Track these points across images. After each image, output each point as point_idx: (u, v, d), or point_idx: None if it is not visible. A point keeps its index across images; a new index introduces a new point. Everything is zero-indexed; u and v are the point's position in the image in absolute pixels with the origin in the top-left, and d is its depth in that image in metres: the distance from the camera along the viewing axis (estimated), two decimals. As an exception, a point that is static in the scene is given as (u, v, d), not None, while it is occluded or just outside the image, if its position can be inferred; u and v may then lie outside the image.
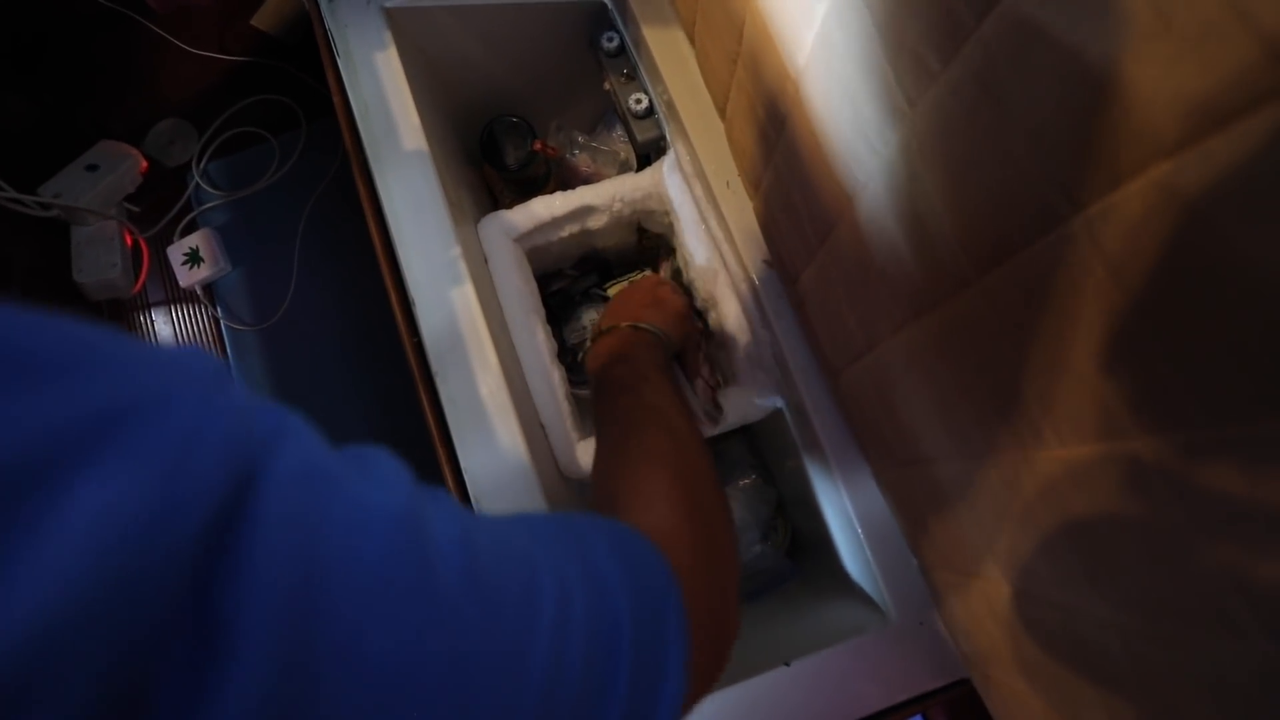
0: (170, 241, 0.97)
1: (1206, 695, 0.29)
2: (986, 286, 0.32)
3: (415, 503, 0.16)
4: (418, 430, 0.56)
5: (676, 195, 0.69)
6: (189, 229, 0.99)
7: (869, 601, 0.58)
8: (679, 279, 0.81)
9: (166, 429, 0.11)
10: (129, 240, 0.96)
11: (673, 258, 0.82)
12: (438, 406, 0.57)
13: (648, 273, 0.82)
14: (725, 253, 0.65)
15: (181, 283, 0.96)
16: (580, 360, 0.66)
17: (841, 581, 0.63)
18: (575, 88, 0.84)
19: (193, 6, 1.01)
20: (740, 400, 0.63)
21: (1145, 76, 0.21)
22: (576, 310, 0.80)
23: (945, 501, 0.46)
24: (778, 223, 0.57)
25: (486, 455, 0.55)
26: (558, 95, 0.85)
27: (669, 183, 0.70)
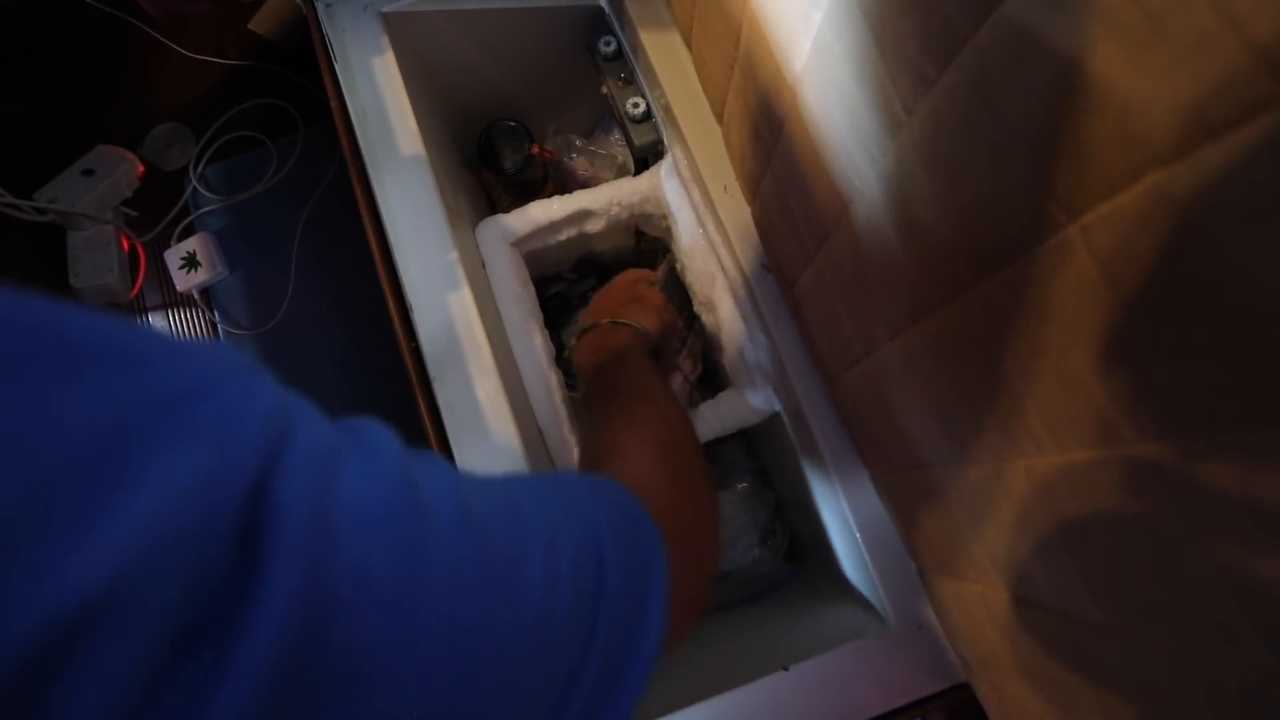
0: (167, 246, 0.97)
1: (1203, 700, 0.29)
2: (983, 293, 0.33)
3: (404, 459, 0.19)
4: (415, 435, 0.56)
5: (674, 199, 0.69)
6: (186, 233, 0.99)
7: (867, 606, 0.58)
8: (676, 280, 0.81)
9: (215, 412, 0.14)
10: (126, 245, 0.96)
11: (668, 259, 0.82)
12: (435, 411, 0.57)
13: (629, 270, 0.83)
14: (723, 257, 0.65)
15: (179, 287, 0.96)
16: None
17: (840, 585, 0.63)
18: (572, 92, 0.84)
19: (190, 11, 1.01)
20: (738, 404, 0.63)
21: (1139, 85, 0.22)
22: (574, 314, 0.80)
23: (943, 506, 0.46)
24: (775, 227, 0.57)
25: (484, 459, 0.55)
26: (555, 99, 0.86)
27: (666, 187, 0.70)
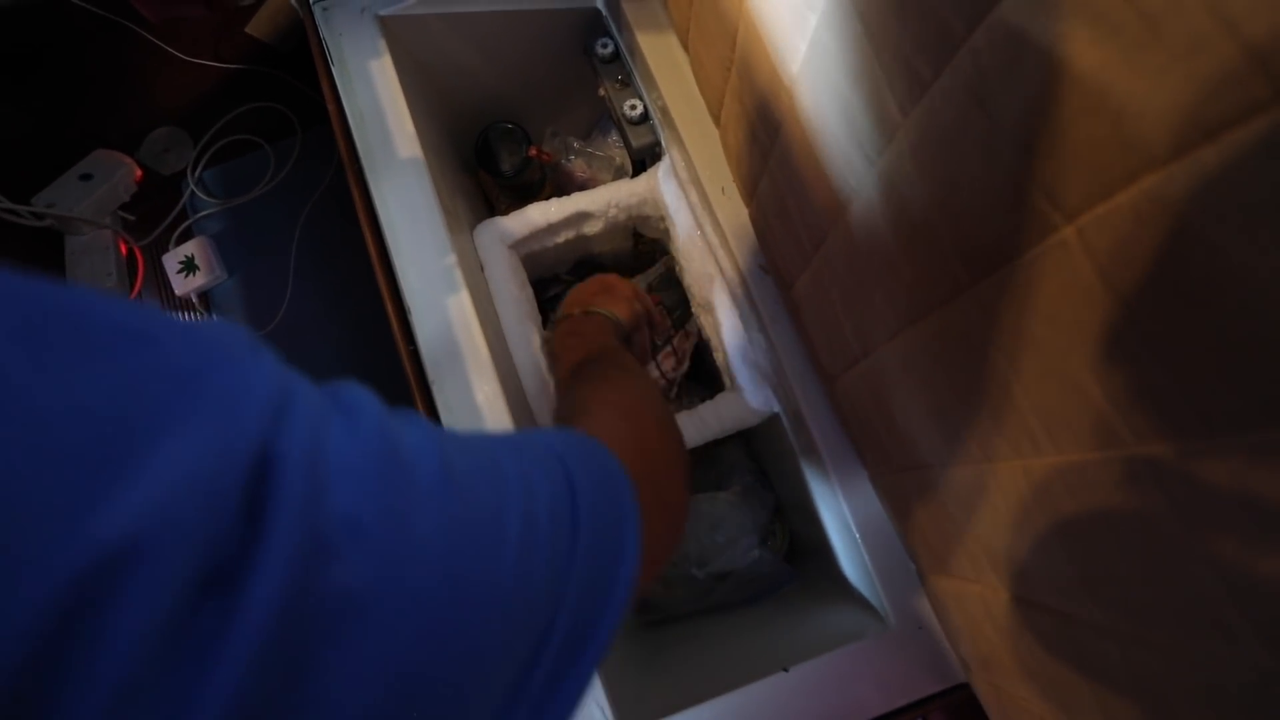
0: (165, 250, 0.97)
1: (1203, 700, 0.29)
2: (980, 294, 0.33)
3: (385, 418, 0.20)
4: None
5: (672, 201, 0.69)
6: (184, 237, 0.99)
7: (867, 606, 0.58)
8: (670, 280, 0.81)
9: (224, 384, 0.16)
10: (124, 249, 0.96)
11: (664, 260, 0.82)
12: (434, 414, 0.57)
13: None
14: (721, 258, 0.65)
15: (177, 291, 0.96)
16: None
17: (840, 586, 0.63)
18: (570, 94, 0.84)
19: (186, 15, 1.01)
20: (737, 405, 0.63)
21: (1135, 87, 0.22)
22: (573, 316, 0.80)
23: (942, 507, 0.46)
24: (772, 229, 0.57)
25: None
26: (552, 101, 0.86)
27: (664, 188, 0.70)
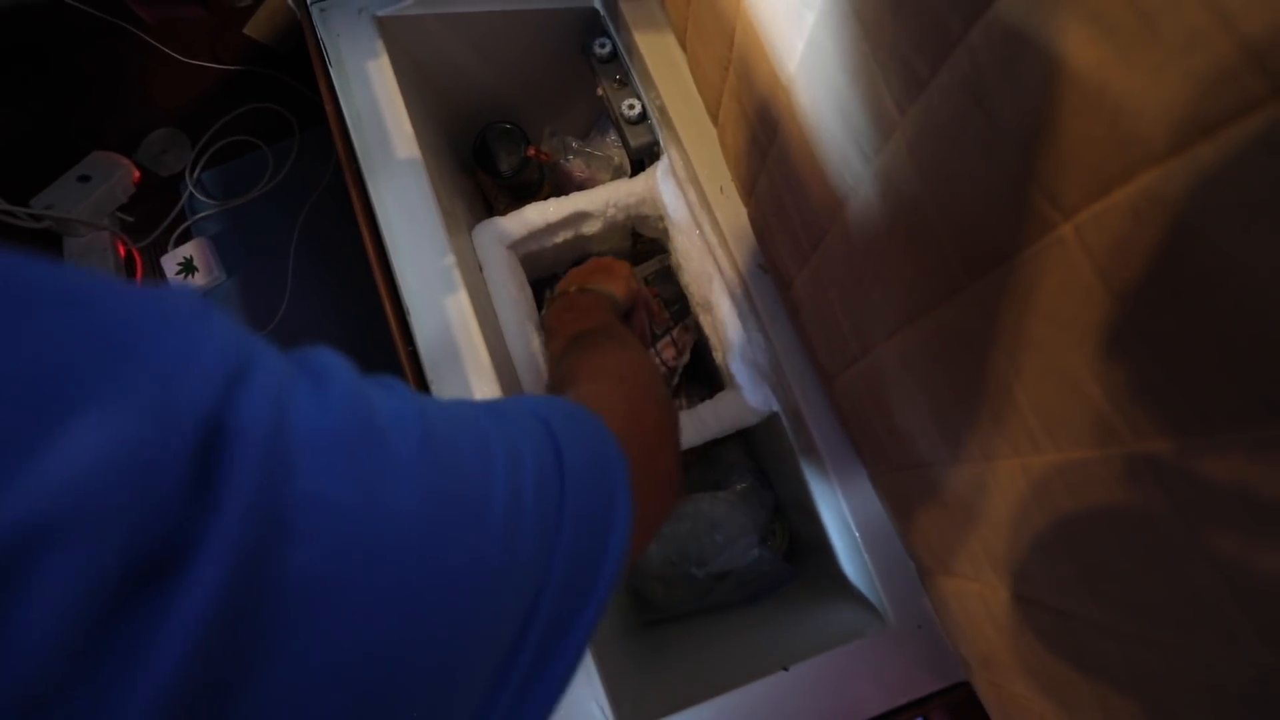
0: (164, 251, 0.97)
1: (1203, 698, 0.29)
2: (978, 292, 0.33)
3: (359, 385, 0.19)
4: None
5: (670, 200, 0.69)
6: (183, 238, 0.99)
7: (867, 605, 0.58)
8: (666, 276, 0.81)
9: (165, 349, 0.14)
10: (122, 251, 0.96)
11: (657, 258, 0.82)
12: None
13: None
14: (719, 257, 0.65)
15: (176, 292, 0.96)
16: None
17: (839, 585, 0.63)
18: (568, 93, 0.84)
19: (183, 15, 1.01)
20: (736, 405, 0.63)
21: (1132, 84, 0.22)
22: (572, 316, 0.80)
23: (941, 505, 0.46)
24: (771, 227, 0.57)
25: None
26: (550, 101, 0.85)
27: (663, 188, 0.70)
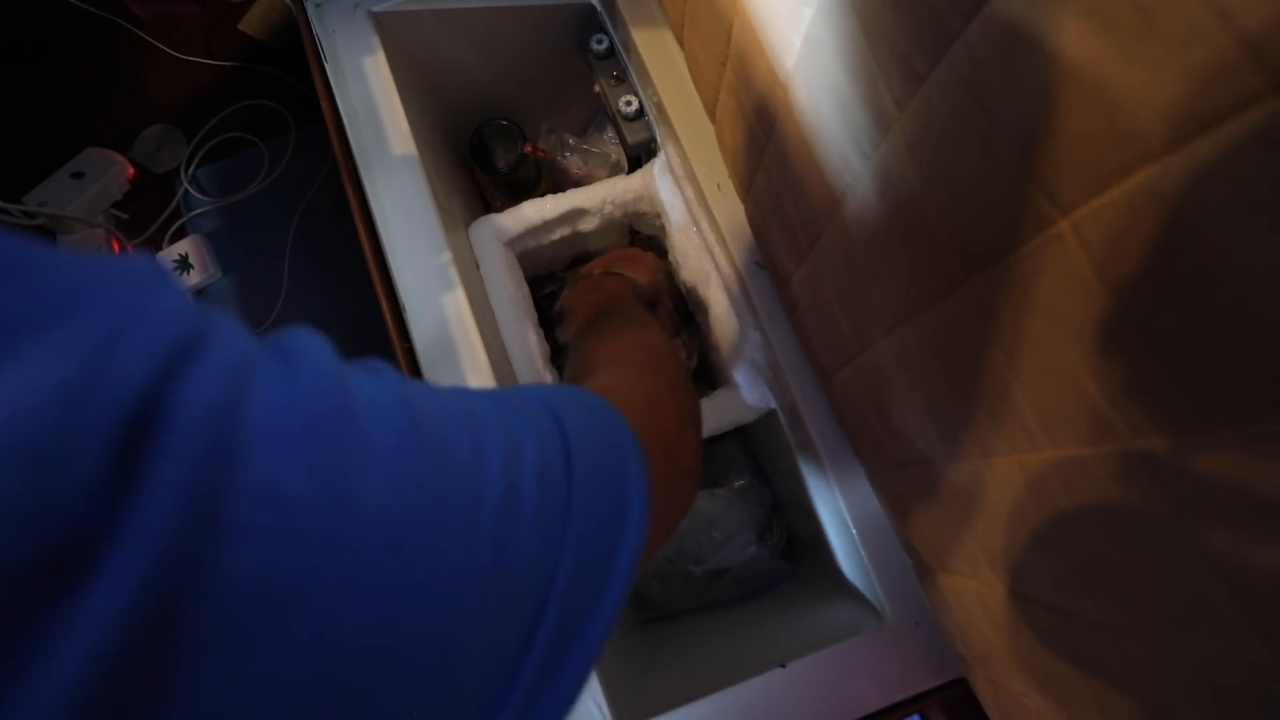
0: (159, 248, 0.96)
1: (1201, 696, 0.29)
2: (976, 289, 0.32)
3: (335, 368, 0.16)
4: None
5: (667, 197, 0.69)
6: (178, 236, 0.98)
7: (865, 602, 0.58)
8: (665, 278, 0.80)
9: (94, 321, 0.12)
10: (117, 248, 0.95)
11: (665, 258, 0.82)
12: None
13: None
14: (717, 255, 0.65)
15: (171, 290, 0.95)
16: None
17: (837, 582, 0.63)
18: (565, 90, 0.83)
19: (178, 12, 1.01)
20: (733, 402, 0.63)
21: (1130, 79, 0.21)
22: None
23: (939, 503, 0.46)
24: (768, 225, 0.57)
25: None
26: (547, 98, 0.85)
27: (660, 185, 0.69)
